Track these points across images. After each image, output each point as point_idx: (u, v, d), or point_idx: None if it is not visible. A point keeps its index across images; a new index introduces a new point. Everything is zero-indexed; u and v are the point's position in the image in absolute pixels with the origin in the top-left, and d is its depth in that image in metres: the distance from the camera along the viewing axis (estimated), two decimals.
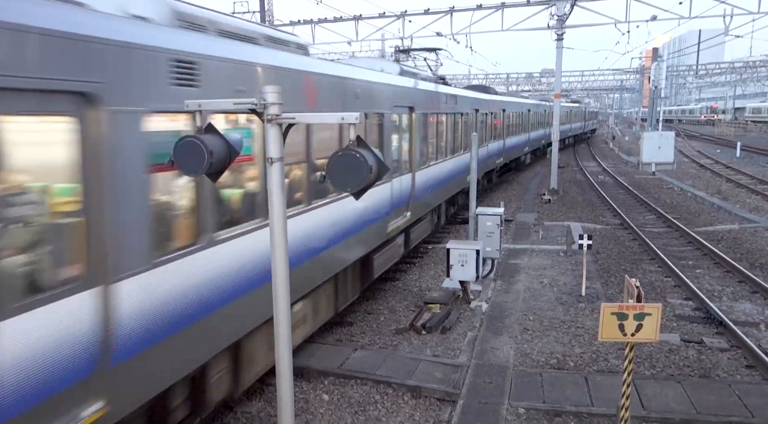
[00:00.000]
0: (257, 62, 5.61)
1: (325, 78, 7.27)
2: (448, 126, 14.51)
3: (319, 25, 26.39)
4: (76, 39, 3.58)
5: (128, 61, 3.99)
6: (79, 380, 3.69)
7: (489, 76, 66.51)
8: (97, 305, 3.82)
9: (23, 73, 3.25)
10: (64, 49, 3.50)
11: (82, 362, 3.71)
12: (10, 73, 3.18)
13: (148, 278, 4.23)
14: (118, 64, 3.90)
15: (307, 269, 6.90)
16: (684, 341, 8.50)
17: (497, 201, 17.00)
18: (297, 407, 6.77)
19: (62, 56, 3.49)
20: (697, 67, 73.78)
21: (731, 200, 20.57)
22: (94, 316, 3.81)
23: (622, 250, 14.11)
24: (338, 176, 3.26)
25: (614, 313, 4.93)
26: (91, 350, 3.78)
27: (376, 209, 9.20)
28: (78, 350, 3.67)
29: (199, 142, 3.40)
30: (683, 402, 6.60)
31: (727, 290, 10.92)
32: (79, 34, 3.61)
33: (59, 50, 3.47)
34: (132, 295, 4.07)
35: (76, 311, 3.65)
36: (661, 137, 31.31)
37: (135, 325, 4.12)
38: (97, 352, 3.83)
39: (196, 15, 5.38)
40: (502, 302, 10.18)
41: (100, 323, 3.85)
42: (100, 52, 3.77)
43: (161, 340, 4.41)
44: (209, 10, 5.71)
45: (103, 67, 3.79)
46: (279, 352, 3.64)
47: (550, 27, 23.22)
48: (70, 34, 3.54)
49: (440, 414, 6.63)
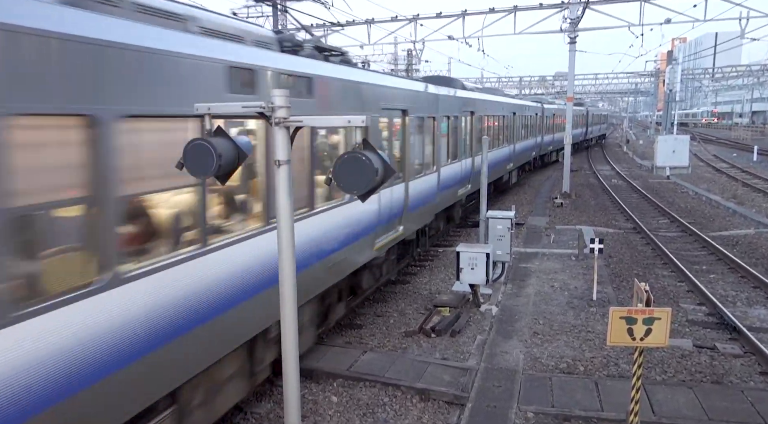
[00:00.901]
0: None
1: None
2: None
3: (332, 29, 26.50)
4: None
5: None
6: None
7: (502, 80, 66.32)
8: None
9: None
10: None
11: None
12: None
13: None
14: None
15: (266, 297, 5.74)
16: (697, 347, 8.41)
17: (509, 205, 16.93)
18: (306, 408, 6.80)
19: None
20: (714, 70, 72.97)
21: (747, 205, 20.30)
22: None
23: (634, 254, 13.99)
24: (344, 179, 3.29)
25: (623, 317, 4.90)
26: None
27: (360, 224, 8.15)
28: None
29: (208, 145, 3.45)
30: (694, 408, 6.53)
31: (742, 296, 10.78)
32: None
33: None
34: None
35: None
36: (675, 141, 31.02)
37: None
38: None
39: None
40: (513, 305, 10.15)
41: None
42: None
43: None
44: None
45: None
46: (286, 354, 3.68)
47: (562, 30, 23.14)
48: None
49: (448, 417, 6.62)
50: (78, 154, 3.72)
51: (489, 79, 63.81)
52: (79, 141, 3.70)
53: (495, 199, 21.41)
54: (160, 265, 4.34)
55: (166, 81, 4.36)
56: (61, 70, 3.50)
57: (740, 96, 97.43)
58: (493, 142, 18.59)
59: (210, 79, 4.86)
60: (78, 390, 3.64)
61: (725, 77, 72.32)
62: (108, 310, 3.85)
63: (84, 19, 3.75)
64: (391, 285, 11.37)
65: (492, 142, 18.31)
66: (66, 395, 3.55)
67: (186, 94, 4.53)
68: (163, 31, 4.50)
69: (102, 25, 3.87)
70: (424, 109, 11.27)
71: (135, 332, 4.09)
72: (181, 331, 4.54)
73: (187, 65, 4.58)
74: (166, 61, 4.38)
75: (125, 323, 4.00)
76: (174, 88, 4.45)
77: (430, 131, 11.77)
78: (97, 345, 3.77)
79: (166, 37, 4.46)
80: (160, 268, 4.33)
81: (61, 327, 3.51)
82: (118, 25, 4.03)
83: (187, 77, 4.58)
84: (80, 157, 3.73)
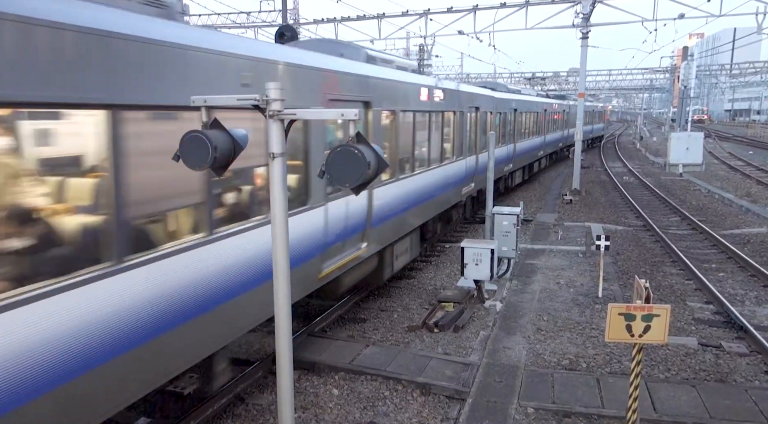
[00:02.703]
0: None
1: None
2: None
3: (343, 24, 26.52)
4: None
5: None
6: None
7: (514, 75, 65.88)
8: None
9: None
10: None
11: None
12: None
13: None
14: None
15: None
16: (702, 345, 8.33)
17: (518, 201, 16.86)
18: (307, 400, 6.86)
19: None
20: (731, 66, 71.79)
21: (761, 203, 20.01)
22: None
23: (643, 252, 13.87)
24: (337, 171, 3.31)
25: (622, 313, 4.87)
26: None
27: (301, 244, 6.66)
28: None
29: (204, 137, 3.49)
30: (697, 406, 6.48)
31: (751, 294, 10.66)
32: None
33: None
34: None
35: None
36: (689, 138, 30.64)
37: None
38: None
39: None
40: (517, 301, 10.12)
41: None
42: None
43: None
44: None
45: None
46: (279, 347, 3.71)
47: (574, 25, 22.92)
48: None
49: (449, 412, 6.63)
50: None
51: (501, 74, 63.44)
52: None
53: (520, 185, 24.68)
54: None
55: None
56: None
57: (758, 93, 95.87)
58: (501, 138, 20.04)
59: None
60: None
61: (742, 74, 71.22)
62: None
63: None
64: (396, 280, 11.39)
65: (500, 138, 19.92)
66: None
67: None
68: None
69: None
70: (488, 107, 16.39)
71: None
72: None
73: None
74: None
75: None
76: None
77: (491, 120, 17.04)
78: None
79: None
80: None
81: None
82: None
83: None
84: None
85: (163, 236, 4.70)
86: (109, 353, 4.02)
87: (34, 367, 3.47)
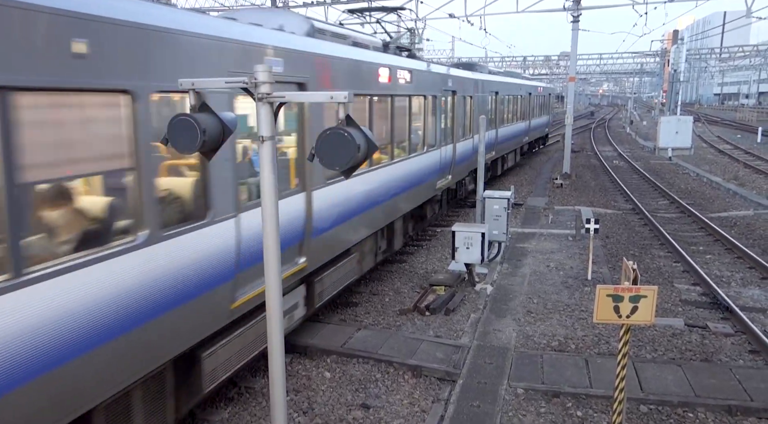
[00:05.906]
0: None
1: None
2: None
3: (332, 6, 26.19)
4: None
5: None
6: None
7: (505, 59, 65.67)
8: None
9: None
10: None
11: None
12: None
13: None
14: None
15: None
16: (688, 326, 8.47)
17: (509, 185, 16.91)
18: (299, 383, 6.91)
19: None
20: (721, 50, 71.97)
21: (748, 186, 20.23)
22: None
23: (632, 235, 14.01)
24: (326, 154, 3.30)
25: (610, 295, 4.93)
26: None
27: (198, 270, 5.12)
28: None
29: (192, 120, 3.46)
30: (682, 385, 6.61)
31: (737, 276, 10.82)
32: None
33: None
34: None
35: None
36: (678, 122, 30.80)
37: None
38: None
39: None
40: (508, 285, 10.21)
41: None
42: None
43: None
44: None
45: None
46: (271, 330, 3.73)
47: (565, 8, 22.82)
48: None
49: (439, 393, 6.72)
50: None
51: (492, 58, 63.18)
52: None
53: (511, 169, 24.79)
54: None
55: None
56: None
57: (747, 76, 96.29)
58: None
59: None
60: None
61: (732, 57, 71.47)
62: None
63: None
64: (387, 264, 11.44)
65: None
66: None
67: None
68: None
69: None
70: (467, 90, 15.32)
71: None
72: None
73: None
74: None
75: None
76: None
77: (471, 105, 15.84)
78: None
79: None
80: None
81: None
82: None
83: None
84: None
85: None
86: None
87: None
